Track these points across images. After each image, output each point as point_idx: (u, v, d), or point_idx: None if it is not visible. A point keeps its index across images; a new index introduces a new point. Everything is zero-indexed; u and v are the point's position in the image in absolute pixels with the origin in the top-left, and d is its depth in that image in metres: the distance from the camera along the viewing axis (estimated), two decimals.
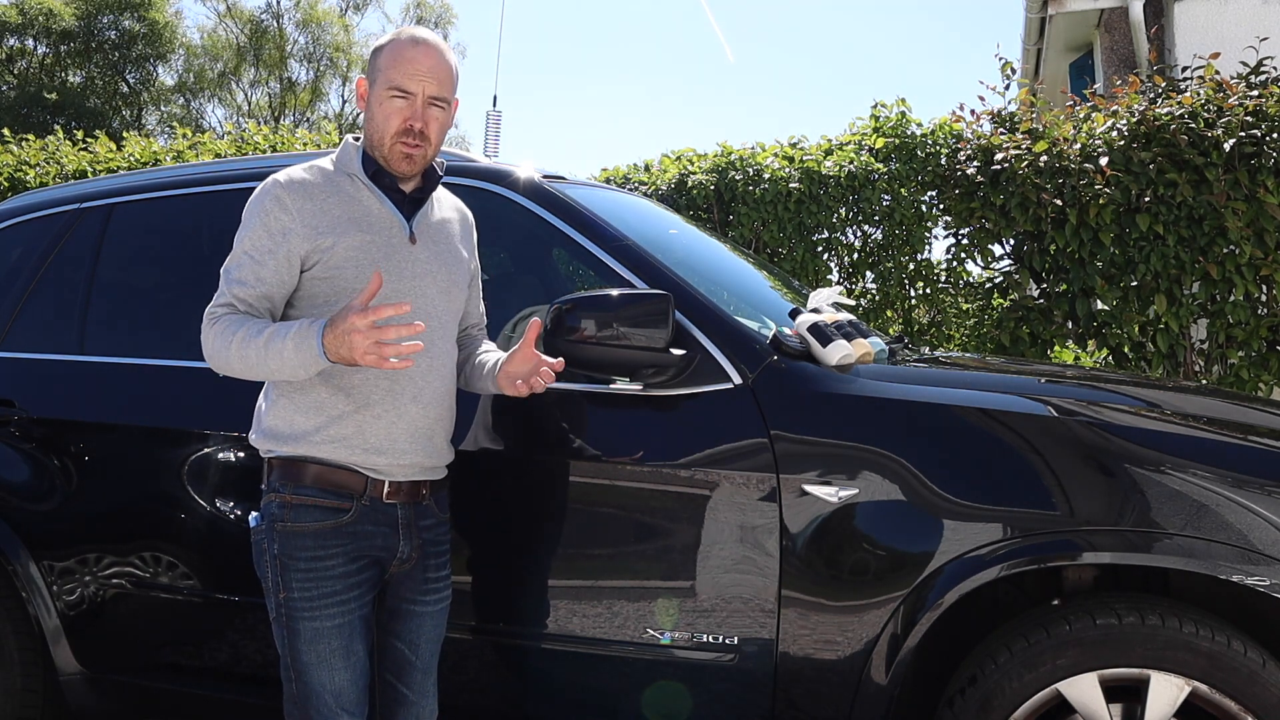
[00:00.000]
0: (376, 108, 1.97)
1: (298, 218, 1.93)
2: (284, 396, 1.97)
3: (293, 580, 1.92)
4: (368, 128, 2.00)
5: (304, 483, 1.94)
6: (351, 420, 1.94)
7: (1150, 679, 1.96)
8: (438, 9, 29.56)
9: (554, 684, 2.30)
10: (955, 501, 2.05)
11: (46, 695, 2.80)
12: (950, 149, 5.55)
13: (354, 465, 1.95)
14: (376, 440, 1.95)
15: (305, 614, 1.92)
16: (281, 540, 1.93)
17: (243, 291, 1.93)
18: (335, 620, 1.92)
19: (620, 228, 2.46)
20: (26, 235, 3.07)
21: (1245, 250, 4.50)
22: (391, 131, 1.96)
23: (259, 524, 1.99)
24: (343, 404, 1.94)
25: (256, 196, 1.97)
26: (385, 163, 1.99)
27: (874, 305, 6.06)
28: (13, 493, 2.79)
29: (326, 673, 1.92)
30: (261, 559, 1.98)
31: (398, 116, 1.95)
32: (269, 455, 1.99)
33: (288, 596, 1.92)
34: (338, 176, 2.01)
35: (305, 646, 1.92)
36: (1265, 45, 6.82)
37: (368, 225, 1.97)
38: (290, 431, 1.95)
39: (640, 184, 6.35)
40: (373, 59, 2.02)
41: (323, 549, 1.93)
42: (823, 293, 2.40)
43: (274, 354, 1.83)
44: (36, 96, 23.82)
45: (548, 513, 2.29)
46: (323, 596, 1.92)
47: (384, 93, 1.96)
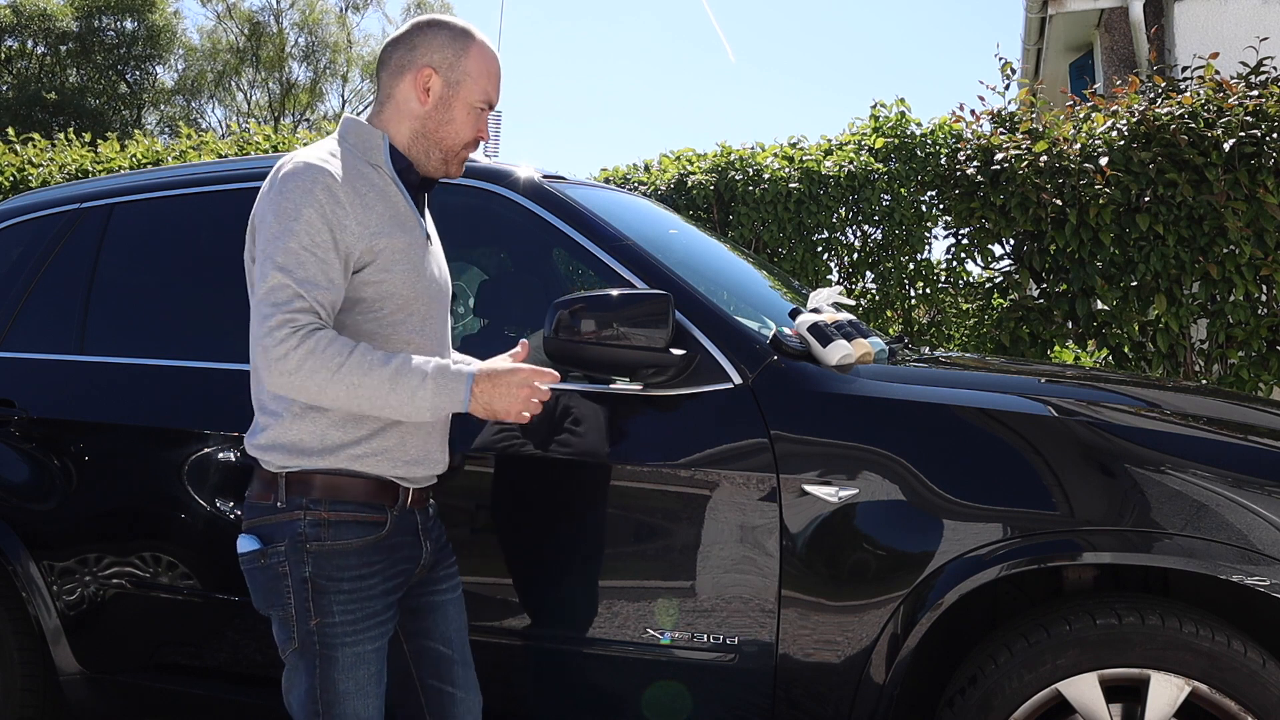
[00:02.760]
0: (461, 114, 1.87)
1: (350, 212, 1.76)
2: (314, 410, 1.78)
3: (333, 604, 1.76)
4: (437, 129, 1.87)
5: (342, 497, 1.79)
6: (393, 433, 1.82)
7: (1150, 679, 1.96)
8: (437, 8, 29.57)
9: (554, 684, 2.30)
10: (955, 501, 2.05)
11: (46, 695, 2.80)
12: (950, 149, 5.55)
13: (392, 477, 1.83)
14: (415, 451, 1.86)
15: (348, 639, 1.77)
16: (317, 562, 1.76)
17: (321, 295, 1.71)
18: (376, 643, 1.80)
19: (620, 228, 2.46)
20: (26, 235, 3.07)
21: (1245, 250, 4.50)
22: (467, 140, 1.89)
23: (266, 546, 1.79)
24: (380, 418, 1.81)
25: (299, 183, 1.73)
26: (443, 165, 1.90)
27: (874, 305, 6.07)
28: (13, 493, 2.79)
29: (362, 701, 1.78)
30: (278, 584, 1.78)
31: (473, 128, 1.89)
32: (289, 470, 1.79)
33: (324, 623, 1.76)
34: (361, 165, 1.84)
35: (343, 675, 1.77)
36: (1265, 45, 6.82)
37: (402, 225, 1.85)
38: (320, 446, 1.78)
39: (640, 184, 6.35)
40: (451, 52, 1.86)
41: (366, 567, 1.79)
42: (823, 293, 2.40)
43: (403, 392, 1.68)
44: (36, 97, 23.82)
45: (547, 513, 2.29)
46: (366, 618, 1.78)
47: (476, 101, 1.87)
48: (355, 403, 1.69)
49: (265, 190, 1.78)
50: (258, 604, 1.84)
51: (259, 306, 1.70)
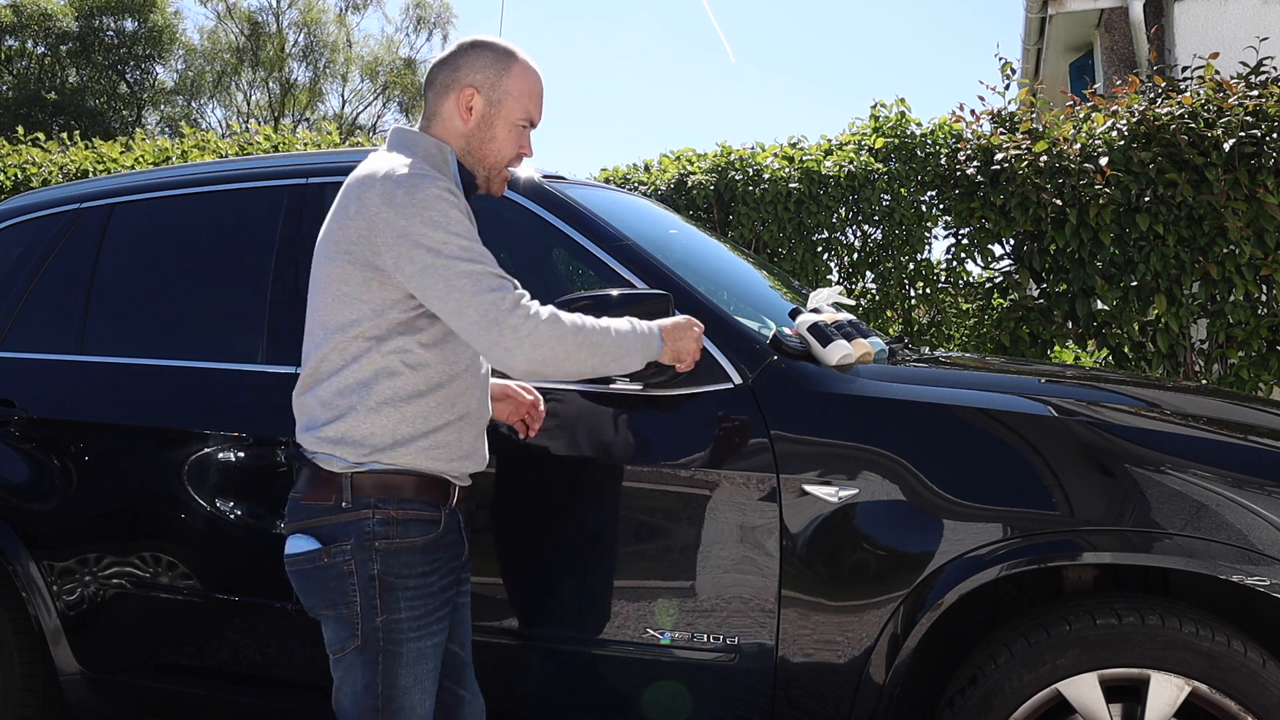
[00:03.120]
0: (503, 132, 1.93)
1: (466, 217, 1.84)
2: (387, 405, 1.81)
3: (400, 601, 1.80)
4: (481, 146, 1.93)
5: (407, 495, 1.83)
6: (453, 429, 1.87)
7: (1150, 679, 1.96)
8: (437, 8, 29.57)
9: (554, 684, 2.30)
10: (955, 501, 2.05)
11: (46, 695, 2.80)
12: (950, 149, 5.56)
13: (447, 473, 1.88)
14: (467, 447, 1.91)
15: (412, 635, 1.82)
16: (385, 559, 1.80)
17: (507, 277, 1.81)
18: (436, 639, 1.86)
19: (620, 228, 2.46)
20: (26, 235, 3.07)
21: (1245, 250, 4.50)
22: (509, 158, 1.95)
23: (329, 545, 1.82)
24: (447, 414, 1.86)
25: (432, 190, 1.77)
26: (486, 183, 1.97)
27: (874, 305, 6.07)
28: (13, 493, 2.79)
29: (420, 695, 1.83)
30: (342, 583, 1.81)
31: (515, 146, 1.95)
32: (356, 469, 1.82)
33: (391, 619, 1.80)
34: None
35: (405, 670, 1.81)
36: (1265, 45, 6.82)
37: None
38: (391, 440, 1.82)
39: (640, 184, 6.35)
40: (493, 71, 1.91)
41: (429, 564, 1.85)
42: (823, 293, 2.40)
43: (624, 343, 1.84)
44: (36, 97, 23.83)
45: (547, 513, 2.29)
46: (429, 614, 1.84)
47: (517, 119, 1.93)
48: (593, 362, 1.80)
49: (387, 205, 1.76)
50: (312, 604, 1.86)
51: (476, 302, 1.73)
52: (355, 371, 1.81)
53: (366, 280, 1.79)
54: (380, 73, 29.41)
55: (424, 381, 1.83)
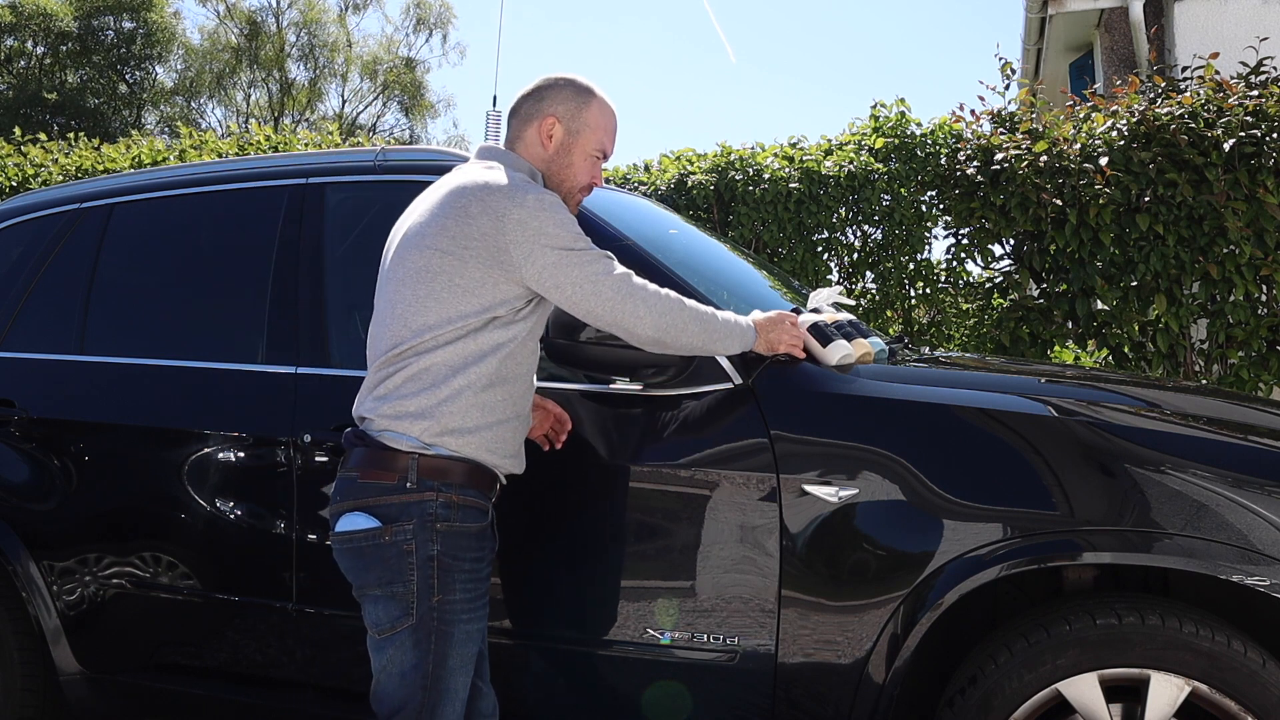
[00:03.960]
0: (580, 160, 2.09)
1: None
2: (469, 390, 1.94)
3: (456, 582, 1.91)
4: (559, 171, 2.09)
5: (467, 482, 1.95)
6: (509, 426, 2.00)
7: (1150, 679, 1.96)
8: (437, 8, 29.56)
9: (554, 684, 2.30)
10: (955, 501, 2.05)
11: (46, 695, 2.80)
12: (950, 149, 5.55)
13: (497, 468, 2.01)
14: (515, 446, 2.04)
15: (464, 616, 1.92)
16: (445, 541, 1.91)
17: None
18: (482, 622, 1.98)
19: (620, 228, 2.46)
20: (26, 235, 3.07)
21: (1245, 250, 4.50)
22: (582, 185, 2.11)
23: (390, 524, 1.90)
24: (508, 410, 1.99)
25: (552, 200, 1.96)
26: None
27: (874, 305, 6.07)
28: (13, 493, 2.79)
29: (463, 679, 1.93)
30: (401, 562, 1.89)
31: (590, 174, 2.12)
32: (425, 450, 1.93)
33: (445, 599, 1.90)
34: None
35: (455, 650, 1.91)
36: (1265, 45, 6.82)
37: None
38: (461, 424, 1.94)
39: (640, 184, 6.35)
40: (574, 105, 2.09)
41: (481, 549, 1.97)
42: (823, 293, 2.40)
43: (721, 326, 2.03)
44: (35, 97, 23.82)
45: (547, 513, 2.29)
46: (478, 598, 1.96)
47: (592, 150, 2.10)
48: (704, 336, 2.02)
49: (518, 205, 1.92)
50: (363, 582, 1.94)
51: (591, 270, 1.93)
52: (448, 355, 1.93)
53: (485, 274, 1.92)
54: (380, 72, 29.40)
55: (499, 375, 1.96)
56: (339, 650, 2.45)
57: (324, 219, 2.65)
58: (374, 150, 2.71)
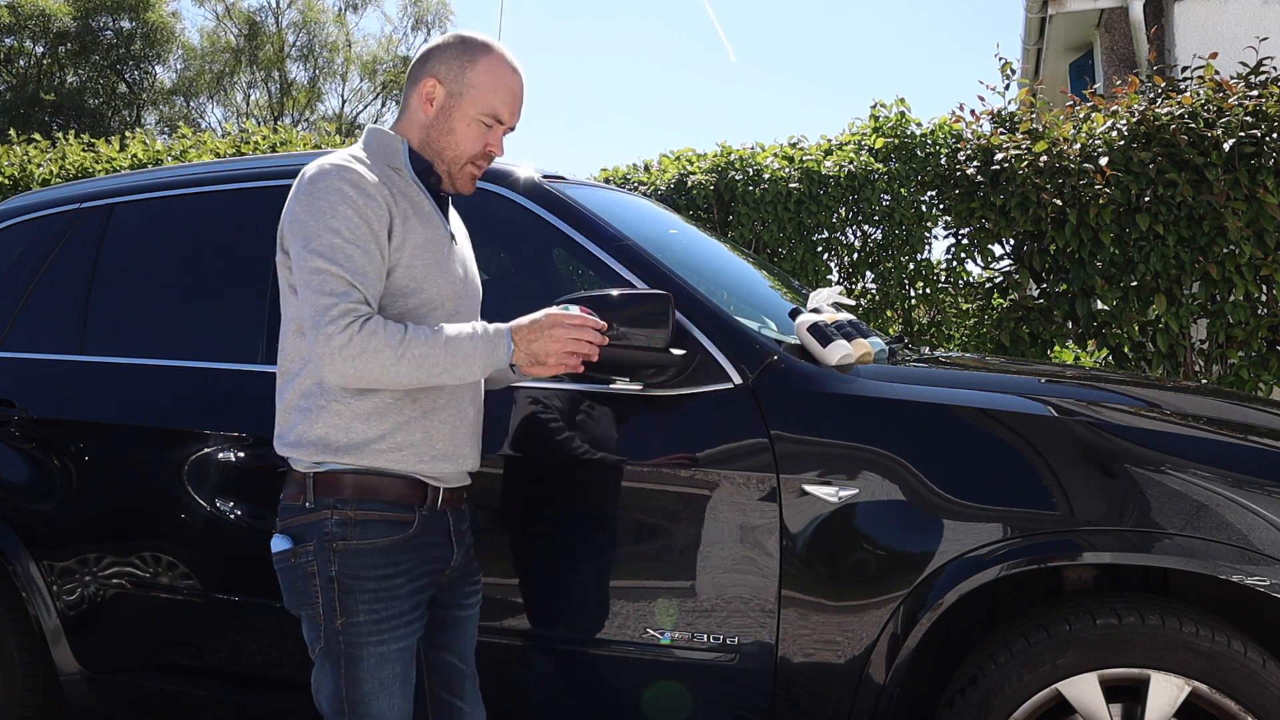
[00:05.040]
0: (461, 126, 1.87)
1: (382, 204, 1.79)
2: (338, 402, 1.80)
3: (359, 603, 1.77)
4: (438, 139, 1.88)
5: (366, 496, 1.80)
6: (419, 426, 1.83)
7: (1150, 679, 1.96)
8: (436, 7, 29.56)
9: (553, 684, 2.30)
10: (955, 501, 2.05)
11: (46, 695, 2.80)
12: (950, 149, 5.55)
13: (418, 474, 1.84)
14: (442, 446, 1.86)
15: (372, 639, 1.78)
16: (343, 560, 1.78)
17: (370, 287, 1.75)
18: (401, 643, 1.81)
19: (620, 228, 2.46)
20: (26, 235, 3.07)
21: (1245, 250, 4.50)
22: (471, 154, 1.89)
23: (294, 545, 1.82)
24: (409, 409, 1.82)
25: (329, 182, 1.77)
26: (449, 180, 1.91)
27: (874, 305, 6.07)
28: (13, 493, 2.79)
29: (387, 701, 1.79)
30: (307, 584, 1.80)
31: (480, 142, 1.88)
32: (315, 469, 1.82)
33: (350, 622, 1.77)
34: (386, 169, 1.87)
35: (368, 674, 1.78)
36: (1265, 45, 6.82)
37: (426, 221, 1.88)
38: (348, 441, 1.80)
39: (640, 184, 6.35)
40: (458, 64, 1.87)
41: (392, 567, 1.80)
42: (823, 293, 2.40)
43: (456, 354, 1.74)
44: (34, 97, 23.82)
45: (547, 513, 2.29)
46: (391, 618, 1.79)
47: (476, 114, 1.86)
48: (417, 375, 1.73)
49: (294, 195, 1.80)
50: (289, 604, 1.86)
51: (312, 301, 1.72)
52: (311, 371, 1.81)
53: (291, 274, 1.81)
54: (379, 72, 29.42)
55: None
56: None
57: None
58: None
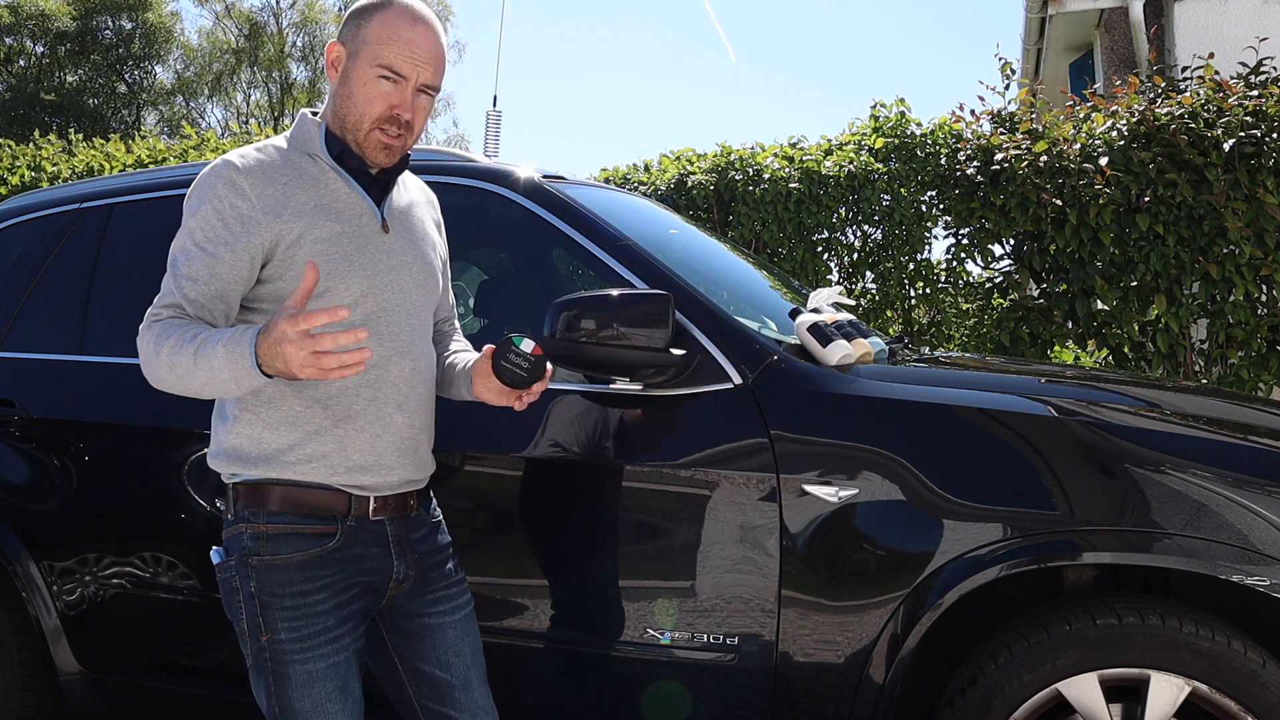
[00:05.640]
0: (358, 85, 1.70)
1: (257, 204, 1.67)
2: (249, 411, 1.72)
3: (277, 621, 1.69)
4: (340, 105, 1.73)
5: (278, 508, 1.71)
6: (330, 436, 1.71)
7: (1150, 679, 1.96)
8: (435, 6, 29.56)
9: (553, 684, 2.30)
10: (955, 501, 2.05)
11: (46, 695, 2.80)
12: (950, 149, 5.56)
13: (335, 485, 1.73)
14: (360, 457, 1.73)
15: (295, 657, 1.68)
16: (259, 576, 1.70)
17: (194, 290, 1.66)
18: (329, 660, 1.70)
19: (620, 228, 2.46)
20: (26, 235, 3.07)
21: (1245, 250, 4.50)
22: (373, 116, 1.71)
23: (224, 559, 1.75)
24: (319, 418, 1.71)
25: (205, 179, 1.69)
26: (358, 149, 1.75)
27: (874, 305, 6.06)
28: (13, 493, 2.79)
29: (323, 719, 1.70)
30: (233, 599, 1.73)
31: (383, 101, 1.70)
32: (233, 480, 1.74)
33: (272, 639, 1.69)
34: (296, 157, 1.75)
35: (297, 693, 1.69)
36: (1265, 45, 6.82)
37: (336, 213, 1.73)
38: (258, 452, 1.71)
39: (640, 184, 6.35)
40: (355, 23, 1.73)
41: (310, 582, 1.70)
42: (823, 293, 2.40)
43: (204, 364, 1.57)
44: (34, 97, 23.81)
45: (547, 513, 2.29)
46: (314, 635, 1.69)
47: (369, 70, 1.69)
48: (183, 384, 1.62)
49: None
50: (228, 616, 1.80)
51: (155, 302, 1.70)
52: None
53: None
54: None
55: (281, 381, 1.68)
56: None
57: None
58: None
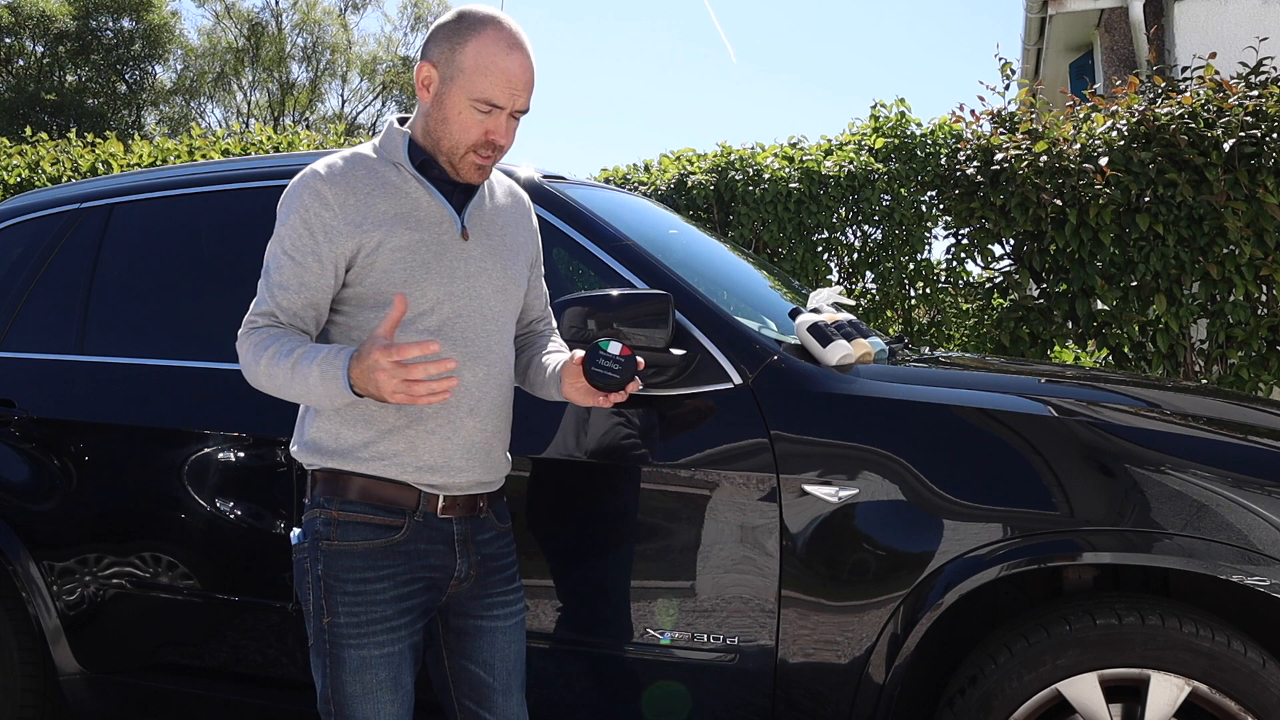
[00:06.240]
0: (454, 115, 1.75)
1: (340, 214, 1.74)
2: (331, 409, 1.80)
3: (339, 604, 1.76)
4: (435, 128, 1.78)
5: (350, 497, 1.78)
6: (403, 435, 1.78)
7: (1150, 679, 1.96)
8: (435, 6, 29.56)
9: (553, 684, 2.30)
10: (955, 501, 2.05)
11: (46, 695, 2.80)
12: (950, 149, 5.56)
13: (407, 481, 1.80)
14: (430, 458, 1.80)
15: (352, 641, 1.75)
16: (327, 560, 1.77)
17: (285, 298, 1.75)
18: (385, 649, 1.77)
19: (620, 228, 2.46)
20: (26, 235, 3.07)
21: (1245, 250, 4.50)
22: (467, 143, 1.77)
23: (301, 541, 1.83)
24: (394, 417, 1.78)
25: (293, 190, 1.78)
26: (452, 170, 1.81)
27: (874, 305, 6.06)
28: (13, 493, 2.79)
29: (372, 706, 1.76)
30: (303, 580, 1.81)
31: (479, 130, 1.75)
32: (311, 468, 1.83)
33: (332, 622, 1.76)
34: (381, 166, 1.81)
35: (350, 677, 1.76)
36: (1265, 45, 6.82)
37: (416, 221, 1.79)
38: (335, 446, 1.79)
39: (640, 184, 6.35)
40: (448, 45, 1.75)
41: (373, 570, 1.77)
42: (823, 293, 2.40)
43: (299, 380, 1.67)
44: (35, 97, 23.82)
45: (547, 513, 2.29)
46: (372, 622, 1.76)
47: (465, 101, 1.74)
48: (282, 393, 1.72)
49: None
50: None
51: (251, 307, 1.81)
52: None
53: None
54: (379, 72, 29.42)
55: None
56: None
57: None
58: None
